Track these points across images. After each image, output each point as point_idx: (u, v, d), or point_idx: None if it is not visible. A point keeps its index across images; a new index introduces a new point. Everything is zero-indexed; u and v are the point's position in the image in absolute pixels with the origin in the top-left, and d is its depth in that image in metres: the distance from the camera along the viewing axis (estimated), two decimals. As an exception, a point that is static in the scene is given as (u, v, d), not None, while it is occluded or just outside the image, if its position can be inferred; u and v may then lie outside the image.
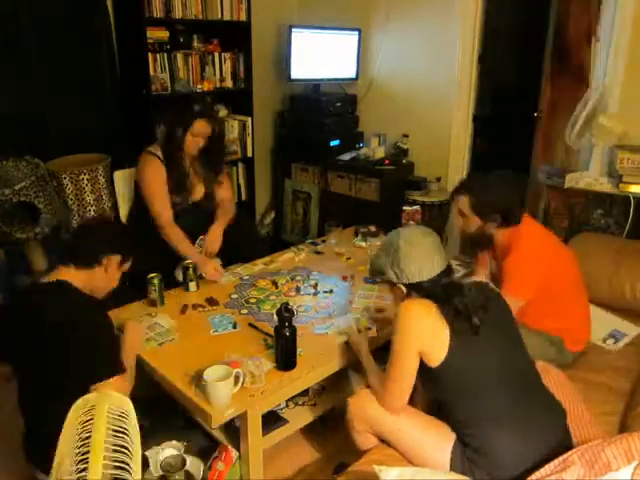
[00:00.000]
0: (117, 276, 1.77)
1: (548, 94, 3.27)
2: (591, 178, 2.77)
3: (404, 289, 1.48)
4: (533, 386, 1.50)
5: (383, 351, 1.78)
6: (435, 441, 1.48)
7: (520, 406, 1.41)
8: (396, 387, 1.49)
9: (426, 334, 1.41)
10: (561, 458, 1.31)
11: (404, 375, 1.46)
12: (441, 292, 1.43)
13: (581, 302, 2.02)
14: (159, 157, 2.41)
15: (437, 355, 1.39)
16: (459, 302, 1.40)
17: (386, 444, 1.58)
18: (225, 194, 2.66)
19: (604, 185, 2.71)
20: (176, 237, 2.38)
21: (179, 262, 2.30)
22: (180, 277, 2.15)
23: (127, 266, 1.79)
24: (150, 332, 1.90)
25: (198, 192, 2.57)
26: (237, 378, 1.57)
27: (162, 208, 2.40)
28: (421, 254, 1.45)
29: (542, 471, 1.31)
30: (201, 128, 2.39)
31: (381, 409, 1.55)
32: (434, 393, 1.55)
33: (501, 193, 1.89)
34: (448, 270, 1.48)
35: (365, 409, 1.59)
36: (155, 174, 2.40)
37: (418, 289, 1.46)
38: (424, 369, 1.44)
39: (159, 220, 2.39)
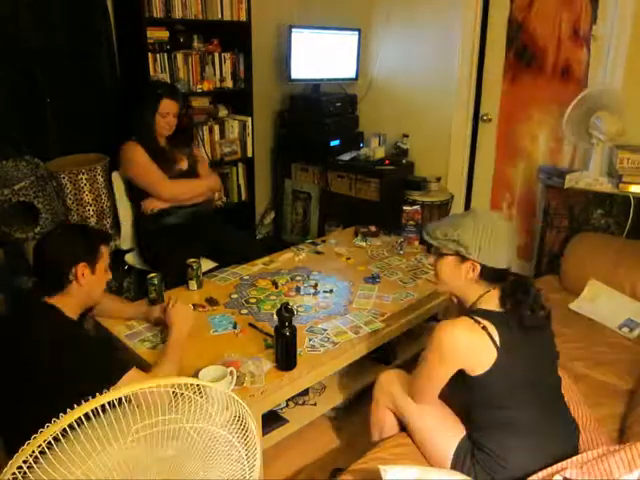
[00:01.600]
0: (98, 279, 1.63)
1: (504, 95, 3.30)
2: (591, 178, 2.76)
3: (478, 267, 1.41)
4: (558, 402, 1.49)
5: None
6: (447, 434, 1.50)
7: (543, 420, 1.41)
8: (425, 392, 1.51)
9: (467, 357, 1.38)
10: (563, 462, 1.31)
11: (434, 386, 1.47)
12: (507, 282, 1.43)
13: None
14: (136, 142, 2.52)
15: (479, 369, 1.37)
16: (521, 297, 1.39)
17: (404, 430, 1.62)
18: (204, 172, 2.77)
19: (604, 185, 2.71)
20: (180, 184, 2.58)
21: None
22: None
23: (102, 264, 1.63)
24: (147, 333, 1.91)
25: (183, 164, 2.66)
26: (232, 377, 1.56)
27: (159, 176, 2.51)
28: (508, 242, 1.43)
29: (544, 471, 1.31)
30: (168, 107, 2.50)
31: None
32: (463, 396, 1.51)
33: None
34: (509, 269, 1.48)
35: (392, 384, 1.63)
36: (138, 154, 2.51)
37: (490, 273, 1.42)
38: (460, 375, 1.41)
39: (160, 188, 2.52)
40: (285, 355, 1.70)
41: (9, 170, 2.57)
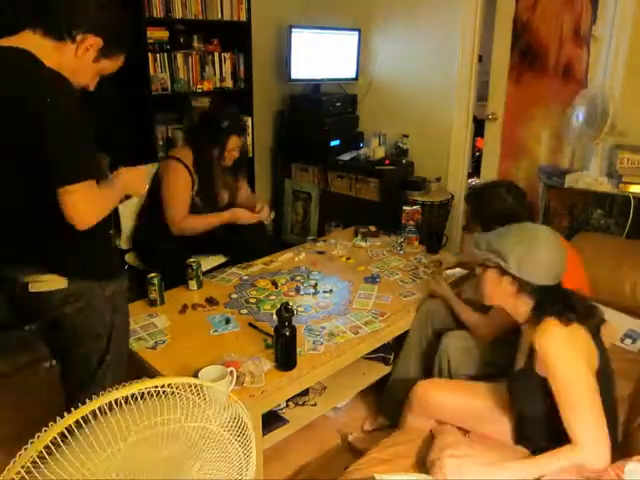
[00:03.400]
0: (91, 69, 1.36)
1: (509, 95, 3.34)
2: (591, 178, 2.76)
3: (516, 284, 1.36)
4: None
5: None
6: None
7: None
8: (600, 432, 1.26)
9: (588, 353, 1.32)
10: None
11: (599, 410, 1.27)
12: (553, 300, 1.35)
13: None
14: (186, 165, 2.46)
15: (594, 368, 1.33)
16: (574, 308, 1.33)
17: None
18: (246, 196, 2.80)
19: (604, 185, 2.70)
20: (195, 220, 2.49)
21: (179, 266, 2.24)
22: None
23: (109, 65, 1.40)
24: (142, 332, 1.90)
25: (222, 200, 2.65)
26: (232, 377, 1.56)
27: (177, 214, 2.45)
28: (552, 258, 1.35)
29: None
30: (234, 144, 2.53)
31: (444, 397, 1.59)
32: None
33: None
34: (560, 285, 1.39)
35: (428, 396, 1.65)
36: (178, 180, 2.45)
37: (530, 289, 1.36)
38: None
39: (172, 221, 2.45)
40: (285, 355, 1.70)
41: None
